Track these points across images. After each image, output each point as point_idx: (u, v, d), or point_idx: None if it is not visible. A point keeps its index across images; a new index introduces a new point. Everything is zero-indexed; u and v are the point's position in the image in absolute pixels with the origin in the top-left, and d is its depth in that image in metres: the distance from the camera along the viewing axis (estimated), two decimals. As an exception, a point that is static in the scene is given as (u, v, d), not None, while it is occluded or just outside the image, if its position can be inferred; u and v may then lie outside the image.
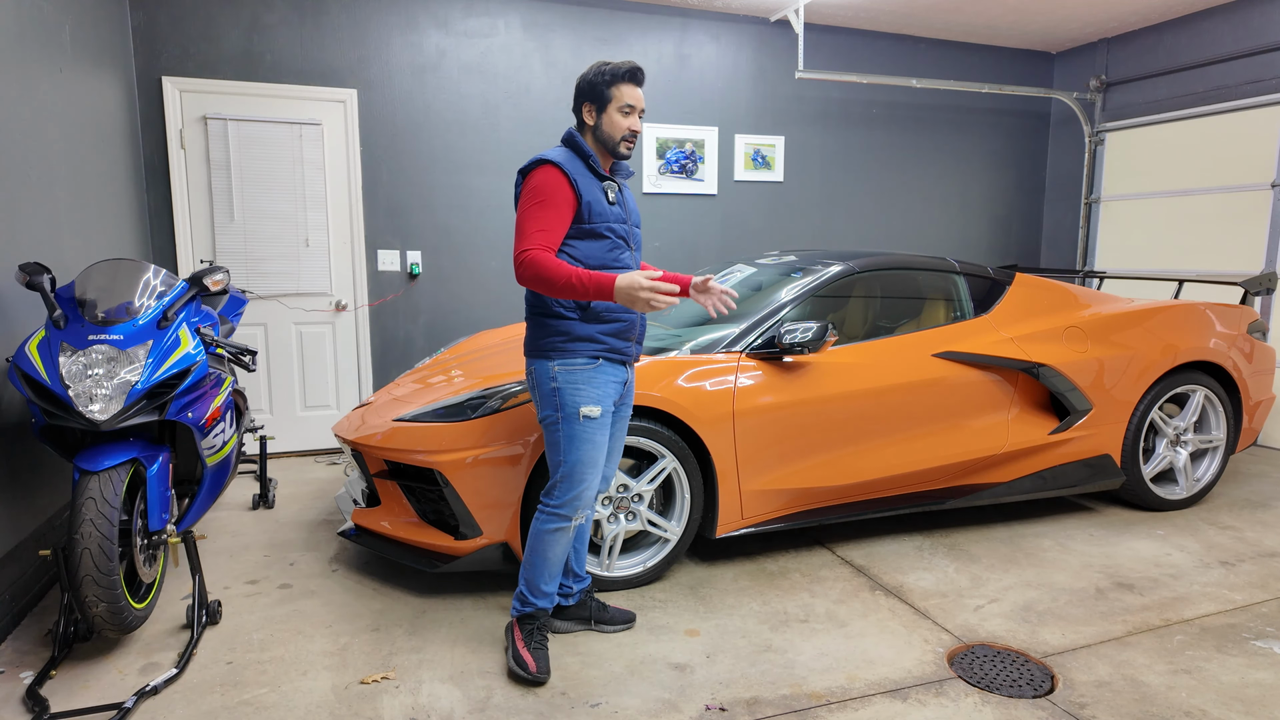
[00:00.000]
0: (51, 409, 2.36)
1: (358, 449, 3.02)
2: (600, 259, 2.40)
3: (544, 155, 2.34)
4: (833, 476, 3.21)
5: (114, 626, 2.37)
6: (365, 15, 4.76)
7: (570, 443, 2.38)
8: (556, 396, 2.38)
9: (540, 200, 2.30)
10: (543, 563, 2.46)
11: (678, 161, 5.52)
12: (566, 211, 2.33)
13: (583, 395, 2.37)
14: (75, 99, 3.50)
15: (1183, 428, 3.88)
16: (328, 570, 3.20)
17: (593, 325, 2.38)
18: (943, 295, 3.67)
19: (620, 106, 2.37)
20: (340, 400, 4.99)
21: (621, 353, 2.44)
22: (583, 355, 2.38)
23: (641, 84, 2.40)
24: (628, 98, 2.36)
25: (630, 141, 2.41)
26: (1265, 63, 5.10)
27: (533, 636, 2.46)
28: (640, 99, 2.39)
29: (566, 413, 2.37)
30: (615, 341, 2.42)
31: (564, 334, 2.37)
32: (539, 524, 2.45)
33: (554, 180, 2.31)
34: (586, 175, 2.38)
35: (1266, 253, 5.16)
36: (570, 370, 2.37)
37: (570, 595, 2.69)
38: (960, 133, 6.34)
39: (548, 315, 2.39)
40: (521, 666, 2.38)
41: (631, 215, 2.52)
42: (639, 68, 2.39)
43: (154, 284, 2.69)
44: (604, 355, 2.40)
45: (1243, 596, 2.96)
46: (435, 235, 5.05)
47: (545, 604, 2.50)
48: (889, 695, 2.31)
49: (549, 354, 2.39)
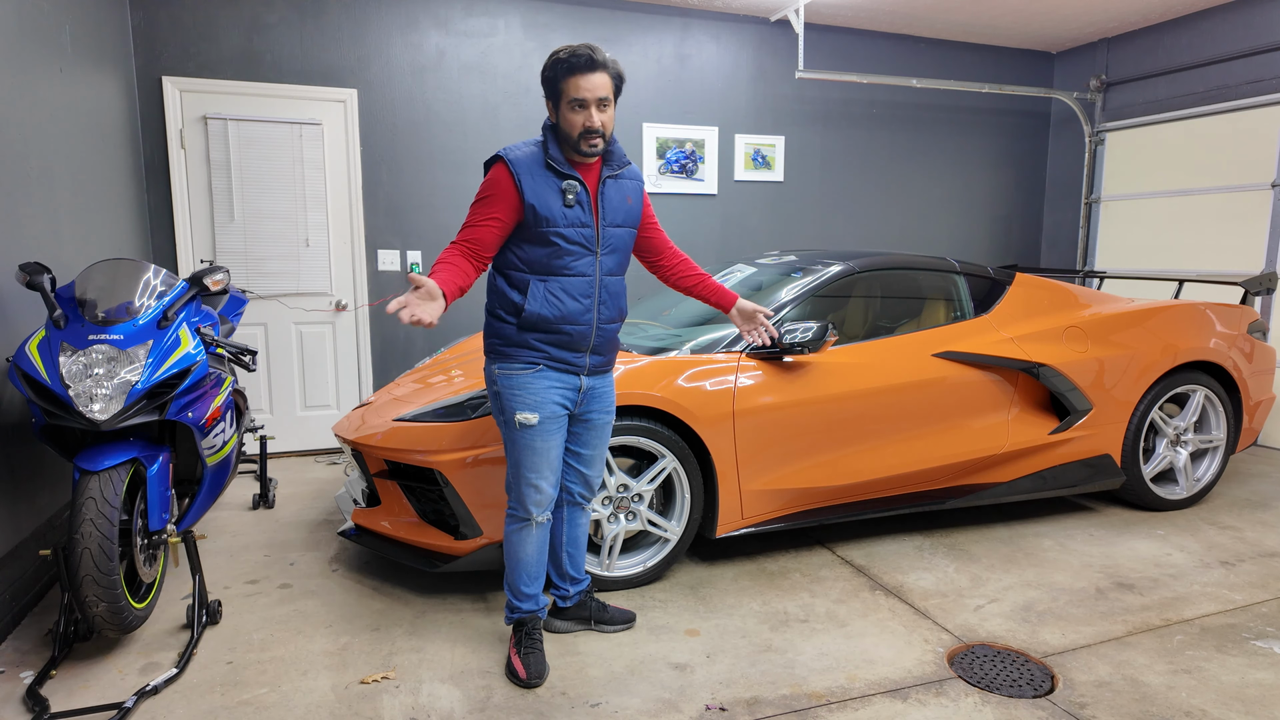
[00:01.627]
0: (52, 409, 2.36)
1: (358, 449, 3.02)
2: (544, 264, 2.26)
3: (504, 149, 2.25)
4: (833, 476, 3.21)
5: (114, 626, 2.37)
6: (365, 15, 4.76)
7: (511, 447, 2.36)
8: (499, 400, 2.36)
9: (480, 196, 2.23)
10: (516, 564, 2.45)
11: (678, 161, 5.52)
12: (502, 211, 2.20)
13: (518, 401, 2.30)
14: (75, 99, 3.50)
15: (1183, 428, 3.88)
16: (328, 570, 3.20)
17: (529, 333, 2.29)
18: (943, 295, 3.67)
19: (569, 102, 2.16)
20: (340, 400, 4.99)
21: (568, 363, 2.34)
22: (520, 360, 2.30)
23: (594, 68, 2.14)
24: (575, 91, 2.14)
25: (591, 139, 2.18)
26: (1265, 63, 5.10)
27: (522, 642, 2.43)
28: (596, 88, 2.14)
29: (507, 417, 2.34)
30: (557, 351, 2.31)
31: (502, 338, 2.32)
32: (505, 525, 2.45)
33: (497, 177, 2.22)
34: (541, 174, 2.22)
35: (1266, 253, 5.16)
36: (509, 375, 2.31)
37: (568, 597, 2.68)
38: (960, 133, 6.34)
39: (491, 317, 2.35)
40: (512, 674, 2.38)
41: (610, 215, 2.33)
42: (587, 53, 2.13)
43: (154, 284, 2.69)
44: (545, 363, 2.31)
45: (1243, 596, 2.96)
46: (435, 235, 5.05)
47: (529, 605, 2.48)
48: (889, 695, 2.31)
49: (491, 355, 2.36)
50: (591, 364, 2.39)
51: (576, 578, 2.69)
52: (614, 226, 2.36)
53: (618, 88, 2.24)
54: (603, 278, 2.34)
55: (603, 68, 2.17)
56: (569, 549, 2.65)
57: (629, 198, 2.39)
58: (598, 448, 2.53)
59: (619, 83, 2.24)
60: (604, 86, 2.17)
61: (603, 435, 2.53)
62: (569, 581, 2.68)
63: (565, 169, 2.25)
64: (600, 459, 2.56)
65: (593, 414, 2.47)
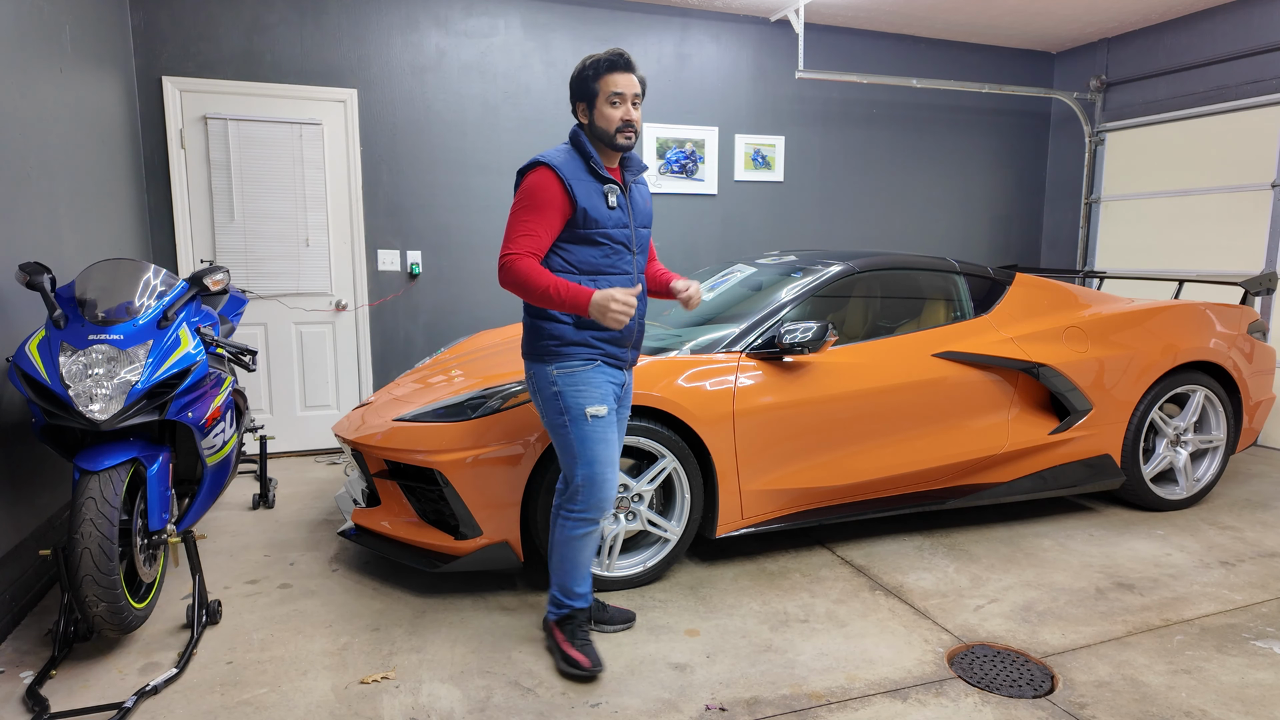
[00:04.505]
0: (52, 409, 2.36)
1: (358, 449, 3.02)
2: (595, 264, 2.35)
3: (541, 156, 2.30)
4: (833, 476, 3.21)
5: (114, 626, 2.37)
6: (365, 15, 4.76)
7: (583, 444, 2.35)
8: (560, 400, 2.35)
9: (530, 204, 2.26)
10: (574, 566, 2.46)
11: (678, 161, 5.52)
12: (556, 216, 2.27)
13: (585, 396, 2.35)
14: (75, 99, 3.50)
15: (1183, 428, 3.88)
16: (328, 570, 3.20)
17: (586, 331, 2.36)
18: (943, 295, 3.67)
19: (608, 97, 2.27)
20: (340, 400, 4.99)
21: (617, 358, 2.42)
22: (579, 358, 2.36)
23: (630, 70, 2.29)
24: (614, 86, 2.27)
25: (627, 133, 2.30)
26: (1265, 63, 5.10)
27: (575, 635, 2.46)
28: (631, 85, 2.28)
29: (574, 415, 2.34)
30: (610, 347, 2.39)
31: (558, 338, 2.34)
32: (566, 531, 2.42)
33: (546, 183, 2.26)
34: (585, 178, 2.31)
35: (1266, 253, 5.16)
36: (570, 373, 2.35)
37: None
38: (960, 133, 6.34)
39: (542, 319, 2.37)
40: (574, 665, 2.38)
41: (638, 216, 2.45)
42: (623, 53, 2.28)
43: (154, 284, 2.69)
44: (601, 358, 2.38)
45: (1243, 596, 2.96)
46: (435, 235, 5.05)
47: (582, 604, 2.51)
48: (889, 695, 2.31)
49: (545, 358, 2.37)
50: (631, 359, 2.49)
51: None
52: (642, 227, 2.48)
53: (643, 90, 2.37)
54: (639, 275, 2.48)
55: (635, 71, 2.33)
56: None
57: (647, 201, 2.53)
58: (620, 443, 2.56)
59: (643, 86, 2.36)
60: (637, 85, 2.32)
61: (623, 433, 2.61)
62: None
63: (604, 173, 2.35)
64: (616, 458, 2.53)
65: (622, 409, 2.57)
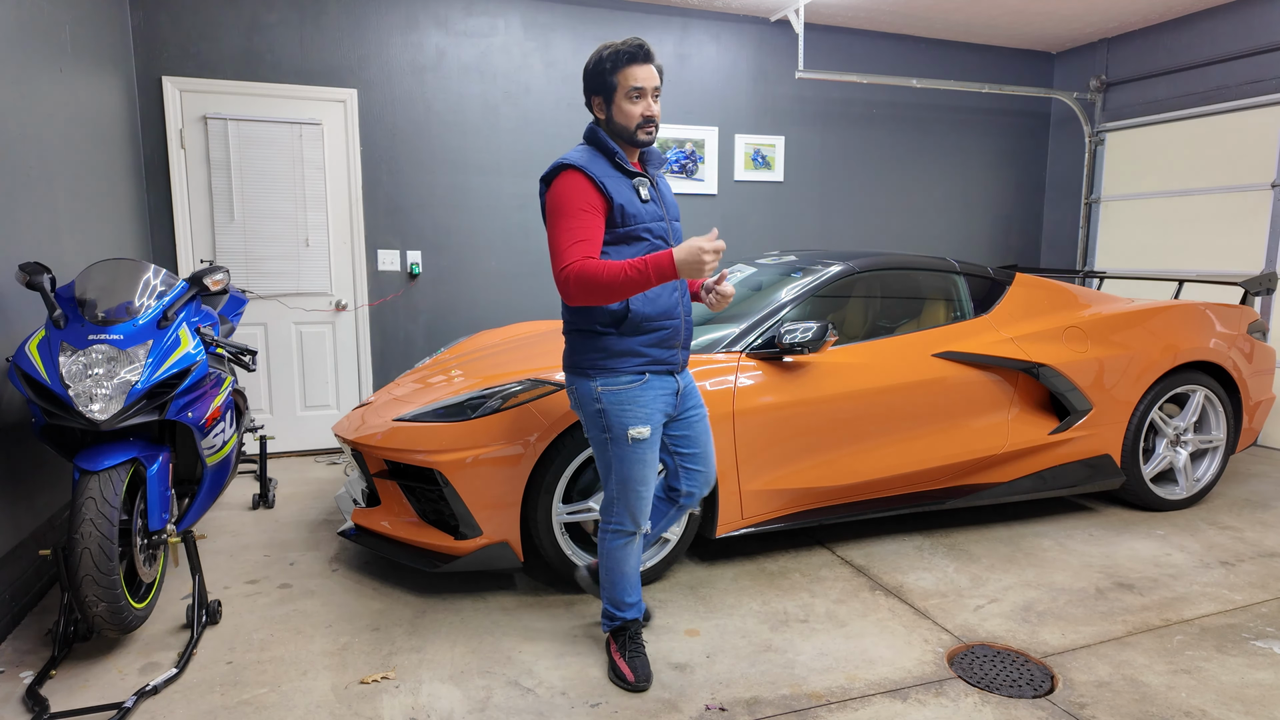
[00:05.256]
0: (52, 409, 2.36)
1: (358, 449, 3.02)
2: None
3: (564, 159, 2.18)
4: (833, 476, 3.21)
5: (114, 626, 2.37)
6: (365, 15, 4.76)
7: (621, 464, 2.28)
8: (603, 418, 2.25)
9: (568, 210, 2.13)
10: (620, 577, 2.41)
11: (678, 161, 5.52)
12: (598, 218, 2.16)
13: (629, 416, 2.23)
14: (75, 99, 3.50)
15: (1183, 428, 3.88)
16: (328, 570, 3.20)
17: (632, 338, 2.23)
18: (943, 295, 3.66)
19: (627, 92, 2.17)
20: (340, 400, 4.99)
21: (666, 363, 2.29)
22: (627, 372, 2.23)
23: (650, 60, 2.18)
24: (634, 80, 2.16)
25: (648, 128, 2.21)
26: (1265, 63, 5.09)
27: (627, 647, 2.41)
28: (652, 77, 2.17)
29: (615, 435, 2.25)
30: (658, 352, 2.27)
31: (603, 350, 2.23)
32: (606, 543, 2.39)
33: (578, 185, 2.15)
34: (613, 175, 2.21)
35: (1266, 253, 5.16)
36: (615, 391, 2.23)
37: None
38: (960, 133, 6.34)
39: (584, 331, 2.26)
40: (620, 678, 2.35)
41: (670, 209, 2.33)
42: (642, 44, 2.17)
43: (154, 284, 2.69)
44: (649, 369, 2.25)
45: (1243, 596, 2.96)
46: (435, 235, 5.05)
47: (633, 614, 2.44)
48: (889, 695, 2.31)
49: (589, 372, 2.25)
50: (683, 360, 2.37)
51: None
52: (674, 220, 2.38)
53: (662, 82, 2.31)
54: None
55: (654, 61, 2.22)
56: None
57: (671, 193, 2.45)
58: (707, 443, 2.46)
59: (661, 77, 2.26)
60: (656, 77, 2.22)
61: (706, 429, 2.47)
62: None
63: (630, 167, 2.27)
64: (709, 454, 2.47)
65: (691, 411, 2.43)
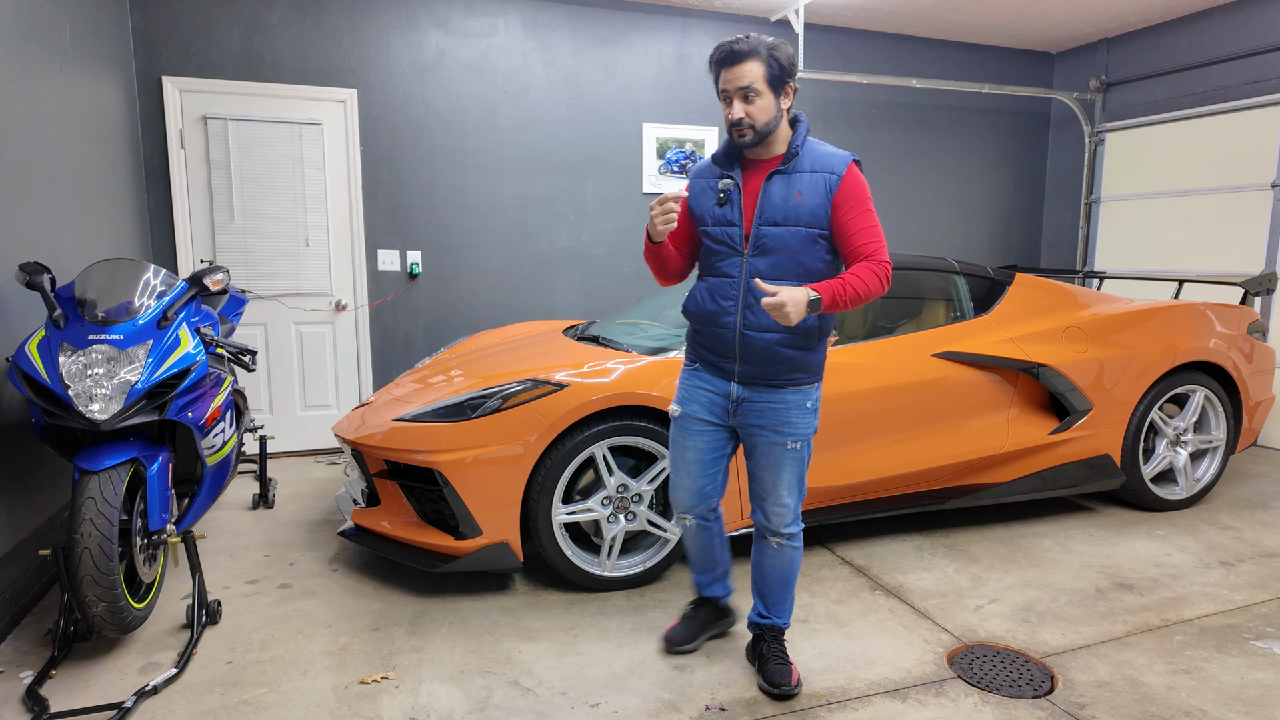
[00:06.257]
0: (51, 409, 2.36)
1: (358, 449, 3.02)
2: (704, 264, 2.29)
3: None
4: (832, 476, 3.21)
5: (114, 626, 2.37)
6: (365, 15, 4.76)
7: (670, 442, 2.44)
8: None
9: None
10: (689, 556, 2.57)
11: (678, 161, 5.52)
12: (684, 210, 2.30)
13: (678, 393, 2.40)
14: (75, 99, 3.50)
15: (1183, 428, 3.88)
16: (328, 570, 3.20)
17: (691, 329, 2.38)
18: (943, 295, 3.66)
19: (721, 94, 2.14)
20: (340, 400, 4.99)
21: (717, 366, 2.27)
22: (689, 357, 2.40)
23: (740, 59, 2.07)
24: (722, 83, 2.12)
25: (739, 130, 2.11)
26: (1265, 63, 5.09)
27: (682, 612, 2.66)
28: (738, 78, 2.07)
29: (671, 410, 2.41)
30: (706, 352, 2.29)
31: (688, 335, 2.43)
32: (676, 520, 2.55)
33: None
34: (710, 173, 2.25)
35: (1266, 253, 5.16)
36: (684, 369, 2.42)
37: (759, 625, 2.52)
38: (960, 133, 6.34)
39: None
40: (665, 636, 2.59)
41: (765, 212, 2.14)
42: (727, 44, 2.09)
43: (154, 284, 2.69)
44: (701, 361, 2.33)
45: (1243, 597, 2.96)
46: (435, 235, 5.05)
47: (705, 592, 2.61)
48: (889, 695, 2.31)
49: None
50: (741, 372, 2.22)
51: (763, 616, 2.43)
52: (771, 225, 2.14)
53: (774, 73, 2.08)
54: (748, 280, 2.16)
55: (748, 56, 2.07)
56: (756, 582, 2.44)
57: (799, 193, 2.13)
58: (767, 471, 2.27)
59: (775, 69, 2.08)
60: (749, 75, 2.07)
61: (772, 459, 2.25)
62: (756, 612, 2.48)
63: (725, 166, 2.22)
64: (774, 486, 2.28)
65: (754, 432, 2.26)
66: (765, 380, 2.21)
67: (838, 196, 2.12)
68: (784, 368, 2.20)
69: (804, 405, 2.24)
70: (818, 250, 2.16)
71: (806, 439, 2.26)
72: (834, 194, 2.12)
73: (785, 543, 2.33)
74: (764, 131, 2.11)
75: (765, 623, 2.42)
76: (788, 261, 2.15)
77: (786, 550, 2.35)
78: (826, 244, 2.17)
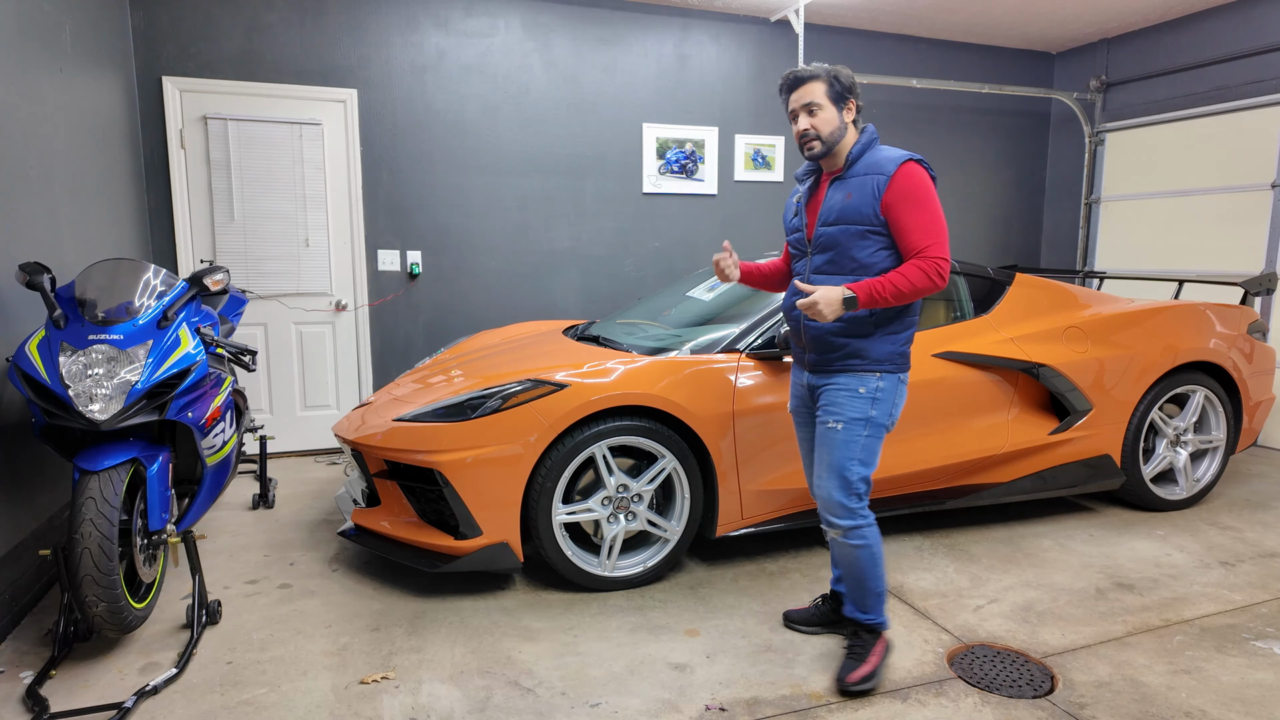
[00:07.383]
0: (52, 409, 2.36)
1: (358, 449, 3.02)
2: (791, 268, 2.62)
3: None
4: (833, 476, 3.20)
5: (114, 626, 2.37)
6: (365, 15, 4.76)
7: None
8: None
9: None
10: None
11: (678, 161, 5.52)
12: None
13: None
14: (75, 99, 3.50)
15: (1183, 428, 3.88)
16: (328, 570, 3.20)
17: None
18: (942, 295, 3.66)
19: (789, 115, 2.39)
20: (340, 400, 4.99)
21: (798, 358, 2.54)
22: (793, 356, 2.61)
23: (801, 84, 2.32)
24: (789, 105, 2.38)
25: (806, 142, 2.33)
26: (1265, 63, 5.09)
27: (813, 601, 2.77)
28: (801, 98, 2.32)
29: None
30: (794, 347, 2.55)
31: None
32: None
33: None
34: (794, 192, 2.54)
35: (1266, 253, 5.16)
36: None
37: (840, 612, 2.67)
38: (960, 133, 6.34)
39: None
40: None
41: (822, 215, 2.35)
42: (789, 76, 2.34)
43: (154, 284, 2.69)
44: (794, 356, 2.57)
45: (1243, 597, 2.96)
46: (435, 235, 5.05)
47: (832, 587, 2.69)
48: (889, 695, 2.31)
49: None
50: (810, 360, 2.44)
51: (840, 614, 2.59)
52: (825, 225, 2.35)
53: (835, 91, 2.30)
54: (810, 275, 2.42)
55: (810, 78, 2.31)
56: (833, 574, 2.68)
57: (849, 194, 2.30)
58: (818, 451, 2.39)
59: (835, 86, 2.30)
60: (810, 93, 2.30)
61: (823, 441, 2.36)
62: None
63: (802, 182, 2.51)
64: (816, 467, 2.39)
65: (820, 417, 2.40)
66: (824, 366, 2.40)
67: (887, 196, 2.25)
68: (838, 354, 2.36)
69: (855, 390, 2.34)
70: (870, 246, 2.29)
71: (850, 422, 2.32)
72: (882, 194, 2.25)
73: (840, 537, 2.37)
74: (830, 141, 2.31)
75: (847, 615, 2.50)
76: (840, 257, 2.33)
77: (842, 545, 2.38)
78: (881, 240, 2.29)
